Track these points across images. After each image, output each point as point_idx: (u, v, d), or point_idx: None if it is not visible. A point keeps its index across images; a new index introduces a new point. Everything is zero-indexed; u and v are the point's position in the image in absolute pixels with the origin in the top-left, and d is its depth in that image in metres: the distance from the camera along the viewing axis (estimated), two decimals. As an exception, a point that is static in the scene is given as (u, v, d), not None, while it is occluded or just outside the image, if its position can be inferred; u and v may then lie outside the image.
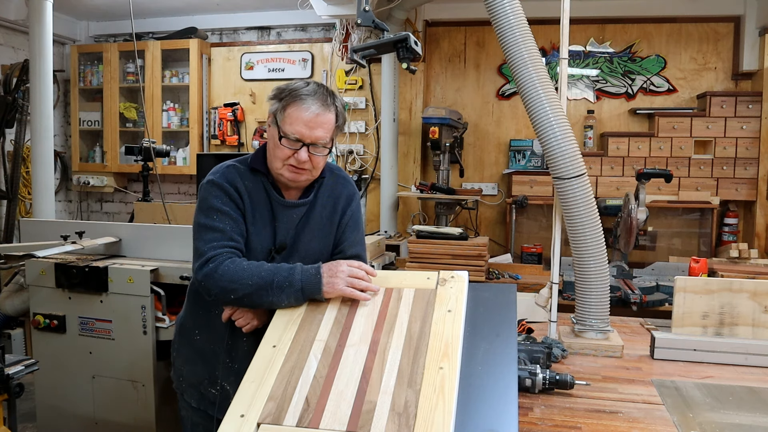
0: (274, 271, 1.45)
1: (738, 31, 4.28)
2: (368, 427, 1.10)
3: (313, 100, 1.51)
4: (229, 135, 5.11)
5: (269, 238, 1.60)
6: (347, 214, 1.70)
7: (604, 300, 1.87)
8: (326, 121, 1.53)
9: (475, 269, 3.43)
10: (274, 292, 1.43)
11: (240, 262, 1.48)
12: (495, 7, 1.77)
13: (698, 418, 1.37)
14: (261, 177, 1.60)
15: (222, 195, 1.55)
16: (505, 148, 4.68)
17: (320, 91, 1.53)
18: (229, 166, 1.61)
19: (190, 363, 1.69)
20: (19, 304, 2.91)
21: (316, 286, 1.42)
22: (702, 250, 4.26)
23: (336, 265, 1.44)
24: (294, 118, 1.50)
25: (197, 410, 1.69)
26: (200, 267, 1.49)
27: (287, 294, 1.43)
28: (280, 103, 1.53)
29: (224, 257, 1.49)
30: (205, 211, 1.55)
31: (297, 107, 1.50)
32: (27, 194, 4.85)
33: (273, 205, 1.60)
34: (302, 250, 1.63)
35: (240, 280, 1.45)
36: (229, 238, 1.52)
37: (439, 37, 4.77)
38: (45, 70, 3.89)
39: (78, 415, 2.73)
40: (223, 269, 1.46)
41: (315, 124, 1.51)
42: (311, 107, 1.50)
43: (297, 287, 1.42)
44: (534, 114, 1.79)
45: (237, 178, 1.58)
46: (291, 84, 1.55)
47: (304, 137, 1.50)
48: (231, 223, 1.54)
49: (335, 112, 1.55)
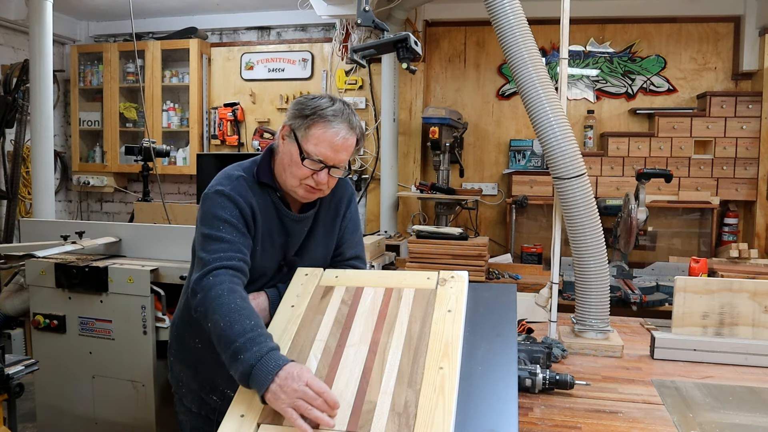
0: (244, 334, 1.25)
1: (738, 31, 4.28)
2: (368, 427, 1.10)
3: (340, 123, 1.44)
4: (229, 135, 5.11)
5: (280, 253, 1.58)
6: (347, 217, 1.69)
7: (604, 300, 1.87)
8: (351, 145, 1.48)
9: (475, 269, 3.43)
10: (228, 355, 1.25)
11: (233, 298, 1.33)
12: (495, 7, 1.77)
13: (698, 418, 1.37)
14: (269, 191, 1.54)
15: (231, 207, 1.46)
16: (505, 148, 4.68)
17: (346, 112, 1.47)
18: (239, 178, 1.52)
19: (191, 369, 1.67)
20: (19, 304, 2.91)
21: (262, 382, 1.17)
22: (702, 250, 4.26)
23: (293, 378, 1.15)
24: (320, 140, 1.43)
25: (198, 415, 1.68)
26: (200, 277, 1.39)
27: (236, 367, 1.23)
28: (304, 121, 1.45)
29: (226, 276, 1.38)
30: (209, 221, 1.46)
31: (324, 129, 1.43)
32: (27, 194, 4.85)
33: (283, 221, 1.56)
34: (307, 258, 1.62)
35: (216, 317, 1.31)
36: (237, 250, 1.43)
37: (439, 37, 4.77)
38: (45, 70, 3.89)
39: (78, 415, 2.73)
40: (215, 292, 1.34)
41: (341, 148, 1.45)
42: (341, 132, 1.44)
43: (245, 369, 1.20)
44: (534, 114, 1.79)
45: (248, 192, 1.50)
46: (315, 100, 1.47)
47: (328, 160, 1.45)
48: (239, 236, 1.45)
49: (357, 135, 1.49)
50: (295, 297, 1.47)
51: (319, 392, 1.14)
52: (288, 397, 1.14)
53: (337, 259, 1.70)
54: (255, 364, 1.19)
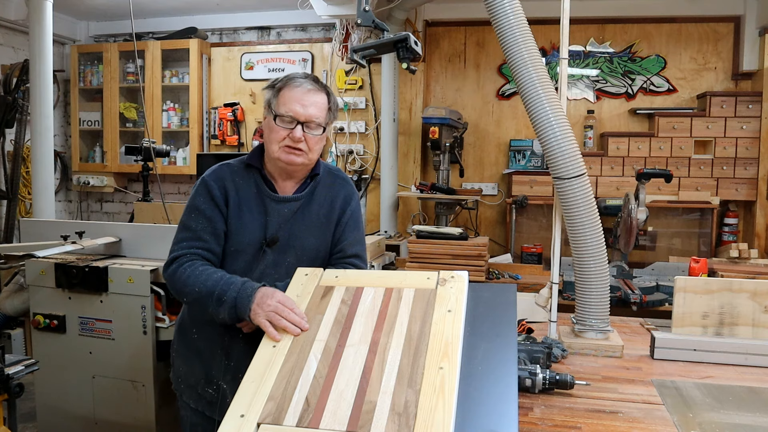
0: (219, 282, 1.47)
1: (738, 31, 4.28)
2: (368, 427, 1.10)
3: (305, 81, 1.60)
4: (229, 135, 5.12)
5: (259, 231, 1.62)
6: (347, 214, 1.70)
7: (604, 300, 1.87)
8: (319, 101, 1.59)
9: (475, 269, 3.43)
10: (213, 303, 1.46)
11: (196, 267, 1.53)
12: (495, 7, 1.77)
13: (698, 418, 1.37)
14: (254, 172, 1.65)
15: (205, 193, 1.61)
16: (505, 148, 4.68)
17: (312, 76, 1.62)
18: (222, 164, 1.67)
19: (188, 363, 1.70)
20: (19, 304, 2.91)
21: (245, 306, 1.41)
22: (702, 250, 4.26)
23: (268, 296, 1.40)
24: (287, 98, 1.58)
25: (195, 411, 1.70)
26: (165, 267, 1.59)
27: (224, 307, 1.45)
28: (274, 90, 1.61)
29: (185, 259, 1.56)
30: (187, 209, 1.63)
31: (290, 88, 1.59)
32: (27, 194, 4.85)
33: (263, 200, 1.63)
34: (298, 246, 1.64)
35: (189, 285, 1.51)
36: (197, 238, 1.58)
37: (439, 37, 4.77)
38: (45, 70, 3.90)
39: (78, 415, 2.73)
40: (180, 272, 1.53)
41: (308, 102, 1.57)
42: (304, 84, 1.59)
43: (230, 303, 1.43)
44: (534, 114, 1.79)
45: (227, 175, 1.64)
46: (285, 75, 1.64)
47: (298, 115, 1.56)
48: (203, 223, 1.59)
49: (326, 93, 1.62)
50: (295, 297, 1.47)
51: (289, 307, 1.35)
52: (263, 311, 1.36)
53: (338, 257, 1.70)
54: (236, 296, 1.42)
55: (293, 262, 1.61)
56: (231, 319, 1.46)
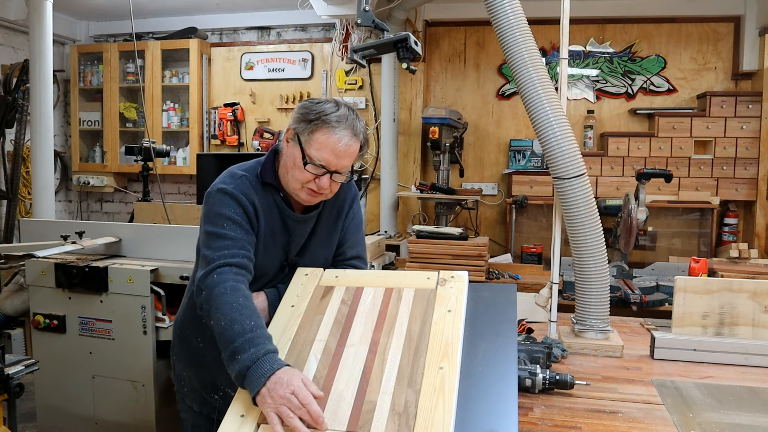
0: (244, 334, 1.26)
1: (738, 31, 4.28)
2: (368, 427, 1.10)
3: (344, 129, 1.44)
4: (229, 135, 5.11)
5: (282, 253, 1.58)
6: (349, 217, 1.69)
7: (604, 300, 1.87)
8: (354, 152, 1.48)
9: (475, 269, 3.43)
10: (227, 353, 1.27)
11: (235, 296, 1.34)
12: (495, 7, 1.77)
13: (698, 418, 1.37)
14: (272, 191, 1.55)
15: (234, 205, 1.47)
16: (505, 148, 4.68)
17: (351, 118, 1.46)
18: (242, 177, 1.52)
19: (192, 368, 1.67)
20: (19, 304, 2.91)
21: (253, 386, 1.20)
22: (702, 250, 4.26)
23: (283, 384, 1.17)
24: (322, 145, 1.43)
25: (199, 414, 1.68)
26: (205, 275, 1.39)
27: (232, 367, 1.25)
28: (308, 126, 1.45)
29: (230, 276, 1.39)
30: (213, 219, 1.47)
31: (327, 135, 1.43)
32: (27, 194, 4.85)
33: (285, 221, 1.56)
34: (308, 258, 1.62)
35: (218, 315, 1.32)
36: (241, 247, 1.44)
37: (439, 37, 4.77)
38: (45, 70, 3.89)
39: (78, 415, 2.73)
40: (218, 293, 1.35)
41: (343, 154, 1.45)
42: (343, 138, 1.44)
43: (240, 372, 1.23)
44: (534, 114, 1.79)
45: (252, 191, 1.51)
46: (320, 105, 1.46)
47: (330, 165, 1.45)
48: (242, 233, 1.46)
49: (361, 141, 1.49)
50: (295, 297, 1.47)
51: (303, 402, 1.14)
52: (273, 402, 1.16)
53: (339, 259, 1.70)
54: (250, 366, 1.21)
55: None
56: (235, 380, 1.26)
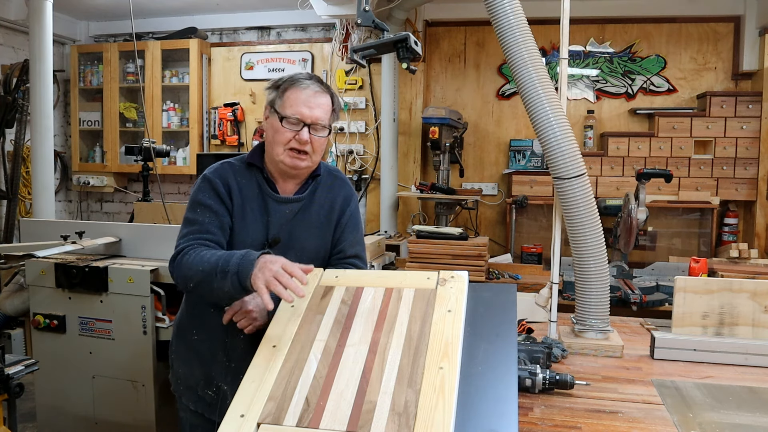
0: (222, 256, 1.43)
1: (738, 31, 4.28)
2: (368, 427, 1.10)
3: (311, 83, 1.59)
4: (229, 135, 5.11)
5: (261, 231, 1.62)
6: (346, 215, 1.70)
7: (604, 300, 1.87)
8: (324, 102, 1.59)
9: (475, 269, 3.43)
10: (218, 277, 1.40)
11: (200, 251, 1.49)
12: (495, 7, 1.77)
13: (698, 418, 1.37)
14: (255, 172, 1.64)
15: (209, 189, 1.60)
16: (505, 148, 4.68)
17: (315, 77, 1.61)
18: (224, 163, 1.66)
19: (187, 364, 1.69)
20: (19, 304, 2.91)
21: (247, 272, 1.35)
22: (702, 250, 4.26)
23: (272, 261, 1.35)
24: (293, 100, 1.56)
25: (195, 413, 1.70)
26: (172, 260, 1.55)
27: (227, 278, 1.38)
28: (278, 90, 1.59)
29: (191, 248, 1.52)
30: (190, 206, 1.62)
31: (295, 89, 1.57)
32: (27, 194, 4.85)
33: (265, 200, 1.62)
34: (298, 246, 1.64)
35: (194, 267, 1.46)
36: (205, 231, 1.56)
37: (439, 37, 4.77)
38: (45, 70, 3.90)
39: (78, 415, 2.73)
40: (186, 259, 1.50)
41: (314, 104, 1.57)
42: (311, 89, 1.58)
43: (233, 271, 1.37)
44: (534, 114, 1.79)
45: (229, 173, 1.62)
46: (287, 74, 1.63)
47: (305, 117, 1.56)
48: (210, 216, 1.58)
49: (330, 94, 1.62)
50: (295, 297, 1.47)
51: (290, 272, 1.31)
52: (263, 275, 1.32)
53: (338, 257, 1.71)
54: (239, 263, 1.37)
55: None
56: (236, 291, 1.39)
